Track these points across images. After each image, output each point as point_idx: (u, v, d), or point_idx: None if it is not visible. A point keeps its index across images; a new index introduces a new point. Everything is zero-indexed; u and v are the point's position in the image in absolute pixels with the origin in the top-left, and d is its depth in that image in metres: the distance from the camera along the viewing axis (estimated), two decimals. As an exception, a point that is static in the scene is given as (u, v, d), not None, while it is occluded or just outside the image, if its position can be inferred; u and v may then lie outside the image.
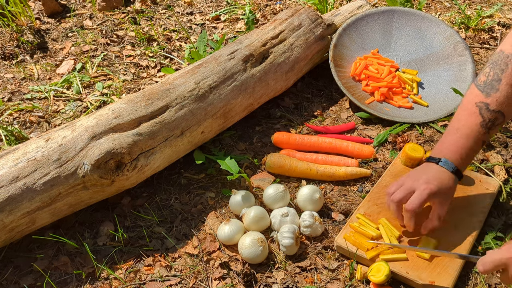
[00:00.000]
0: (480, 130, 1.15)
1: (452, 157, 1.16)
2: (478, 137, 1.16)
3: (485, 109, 1.15)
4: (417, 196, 1.12)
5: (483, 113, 1.15)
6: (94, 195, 1.25)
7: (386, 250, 1.17)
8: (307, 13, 1.76)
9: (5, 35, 2.11)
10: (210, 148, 1.54)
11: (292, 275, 1.17)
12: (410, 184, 1.15)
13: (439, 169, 1.16)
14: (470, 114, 1.16)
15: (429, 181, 1.13)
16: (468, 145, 1.16)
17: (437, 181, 1.14)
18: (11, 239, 1.19)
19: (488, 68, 1.17)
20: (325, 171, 1.42)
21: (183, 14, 2.39)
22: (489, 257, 0.98)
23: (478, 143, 1.16)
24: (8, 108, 1.72)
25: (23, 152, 1.20)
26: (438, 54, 1.84)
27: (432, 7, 2.41)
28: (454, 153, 1.16)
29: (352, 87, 1.75)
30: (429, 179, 1.14)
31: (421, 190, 1.12)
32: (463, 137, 1.16)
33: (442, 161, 1.16)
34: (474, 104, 1.17)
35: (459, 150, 1.16)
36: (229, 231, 1.22)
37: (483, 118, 1.15)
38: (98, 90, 1.81)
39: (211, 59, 1.53)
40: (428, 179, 1.14)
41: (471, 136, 1.16)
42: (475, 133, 1.15)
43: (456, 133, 1.17)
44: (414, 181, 1.15)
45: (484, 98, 1.16)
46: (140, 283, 1.17)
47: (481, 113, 1.15)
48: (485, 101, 1.15)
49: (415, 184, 1.14)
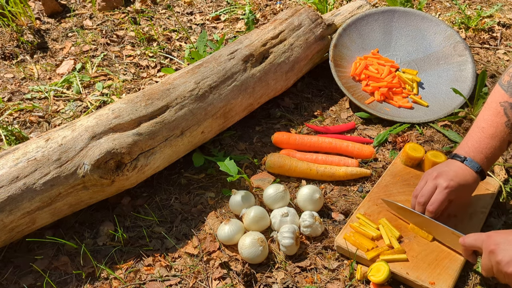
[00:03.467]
0: (505, 129, 1.15)
1: (476, 157, 1.17)
2: (503, 137, 1.16)
3: (509, 109, 1.15)
4: (438, 196, 1.14)
5: (508, 112, 1.15)
6: (94, 195, 1.25)
7: (386, 251, 1.17)
8: (307, 13, 1.76)
9: (5, 35, 2.11)
10: (210, 148, 1.54)
11: (292, 275, 1.17)
12: (432, 181, 1.17)
13: (463, 167, 1.16)
14: (495, 113, 1.16)
15: (452, 179, 1.14)
16: (494, 145, 1.16)
17: (460, 179, 1.15)
18: (11, 239, 1.19)
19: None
20: (325, 171, 1.42)
21: (183, 14, 2.39)
22: (472, 234, 1.06)
23: (503, 143, 1.16)
24: (8, 108, 1.72)
25: (23, 152, 1.20)
26: (438, 54, 1.84)
27: (432, 7, 2.41)
28: (479, 153, 1.16)
29: (352, 87, 1.75)
30: (452, 176, 1.15)
31: (442, 189, 1.14)
32: (488, 136, 1.16)
33: (468, 160, 1.17)
34: (498, 103, 1.17)
35: (484, 150, 1.16)
36: (229, 231, 1.22)
37: (507, 118, 1.15)
38: (98, 90, 1.81)
39: (211, 59, 1.53)
40: (450, 176, 1.15)
41: (496, 136, 1.16)
42: (500, 133, 1.15)
43: (481, 133, 1.18)
44: (437, 177, 1.16)
45: (508, 97, 1.16)
46: (140, 283, 1.17)
47: (505, 112, 1.15)
48: (509, 100, 1.16)
49: (437, 180, 1.16)
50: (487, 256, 0.98)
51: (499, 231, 1.00)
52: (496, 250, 0.95)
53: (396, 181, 1.38)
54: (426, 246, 1.19)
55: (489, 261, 0.97)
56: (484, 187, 1.34)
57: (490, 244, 0.97)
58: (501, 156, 1.49)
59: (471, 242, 1.05)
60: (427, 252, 1.17)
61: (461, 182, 1.14)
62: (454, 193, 1.14)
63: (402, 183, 1.37)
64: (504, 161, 1.48)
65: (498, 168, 1.43)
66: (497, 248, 0.95)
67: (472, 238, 1.05)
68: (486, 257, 0.99)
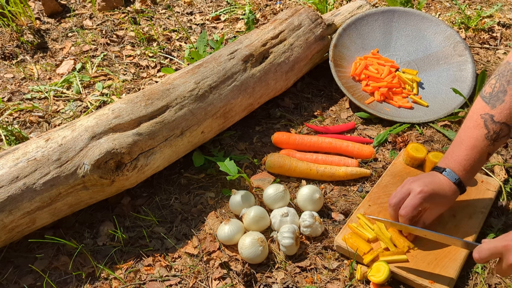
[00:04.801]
0: (485, 142, 1.14)
1: (455, 168, 1.16)
2: (483, 149, 1.15)
3: (490, 121, 1.14)
4: (410, 200, 1.14)
5: (488, 124, 1.14)
6: (94, 195, 1.25)
7: (386, 252, 1.17)
8: (307, 13, 1.76)
9: (5, 35, 2.11)
10: (210, 148, 1.54)
11: (292, 275, 1.17)
12: (407, 186, 1.17)
13: (442, 177, 1.16)
14: (475, 126, 1.16)
15: (426, 184, 1.14)
16: (473, 157, 1.15)
17: (434, 186, 1.14)
18: (11, 239, 1.19)
19: (494, 79, 1.16)
20: (325, 171, 1.42)
21: (183, 14, 2.39)
22: (485, 245, 0.98)
23: (483, 155, 1.16)
24: (8, 108, 1.72)
25: (23, 152, 1.20)
26: (438, 54, 1.84)
27: (432, 7, 2.41)
28: (458, 165, 1.16)
29: (352, 87, 1.75)
30: (427, 182, 1.14)
31: (415, 193, 1.13)
32: (468, 148, 1.16)
33: (447, 171, 1.17)
34: (479, 115, 1.16)
35: (463, 162, 1.16)
36: (229, 231, 1.22)
37: (487, 130, 1.14)
38: (98, 90, 1.81)
39: (211, 59, 1.53)
40: (425, 182, 1.14)
41: (475, 148, 1.15)
42: (480, 145, 1.15)
43: (461, 145, 1.17)
44: (412, 182, 1.16)
45: (489, 109, 1.15)
46: (140, 283, 1.17)
47: (486, 124, 1.14)
48: (490, 112, 1.14)
49: (412, 185, 1.15)
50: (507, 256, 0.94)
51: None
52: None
53: (396, 181, 1.38)
54: (426, 246, 1.19)
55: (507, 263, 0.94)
56: (484, 187, 1.34)
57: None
58: (501, 156, 1.49)
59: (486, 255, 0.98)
60: (426, 252, 1.17)
61: (435, 190, 1.13)
62: (428, 199, 1.13)
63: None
64: (504, 161, 1.48)
65: (498, 168, 1.43)
66: None
67: (485, 250, 0.98)
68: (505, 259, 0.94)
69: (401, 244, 1.18)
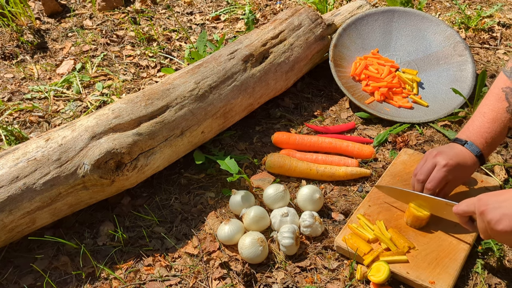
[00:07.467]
0: (506, 115, 1.17)
1: (477, 141, 1.18)
2: (504, 122, 1.17)
3: (511, 94, 1.16)
4: (437, 173, 1.16)
5: (509, 98, 1.16)
6: (94, 195, 1.25)
7: (386, 252, 1.17)
8: (307, 13, 1.76)
9: (5, 35, 2.11)
10: (210, 148, 1.54)
11: (292, 275, 1.17)
12: (431, 159, 1.18)
13: (464, 150, 1.18)
14: (497, 99, 1.18)
15: (451, 158, 1.16)
16: (494, 129, 1.17)
17: (459, 159, 1.16)
18: (11, 239, 1.19)
19: None
20: (325, 171, 1.42)
21: (183, 14, 2.39)
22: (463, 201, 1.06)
23: (504, 128, 1.18)
24: (8, 108, 1.72)
25: (23, 152, 1.20)
26: (438, 54, 1.84)
27: (432, 7, 2.41)
28: (480, 137, 1.18)
29: (352, 87, 1.75)
30: (451, 156, 1.16)
31: (440, 166, 1.15)
32: (489, 121, 1.18)
33: (468, 143, 1.18)
34: (500, 89, 1.18)
35: (484, 135, 1.18)
36: (229, 231, 1.22)
37: (509, 103, 1.16)
38: (98, 90, 1.81)
39: (211, 59, 1.53)
40: (450, 155, 1.16)
41: (497, 121, 1.17)
42: (501, 118, 1.17)
43: (482, 117, 1.19)
44: (436, 156, 1.18)
45: (511, 83, 1.17)
46: (140, 283, 1.17)
47: (507, 97, 1.17)
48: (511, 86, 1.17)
49: (436, 158, 1.17)
50: (480, 218, 0.98)
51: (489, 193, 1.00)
52: (486, 210, 0.95)
53: (396, 181, 1.38)
54: (426, 246, 1.19)
55: (483, 222, 0.98)
56: (484, 187, 1.34)
57: (480, 205, 0.98)
58: (501, 156, 1.49)
59: (463, 209, 1.05)
60: (427, 252, 1.17)
61: (460, 162, 1.16)
62: (452, 172, 1.16)
63: (402, 183, 1.36)
64: (504, 161, 1.48)
65: (498, 168, 1.43)
66: (487, 208, 0.95)
67: (464, 204, 1.05)
68: (479, 219, 0.99)
69: (401, 244, 1.18)
